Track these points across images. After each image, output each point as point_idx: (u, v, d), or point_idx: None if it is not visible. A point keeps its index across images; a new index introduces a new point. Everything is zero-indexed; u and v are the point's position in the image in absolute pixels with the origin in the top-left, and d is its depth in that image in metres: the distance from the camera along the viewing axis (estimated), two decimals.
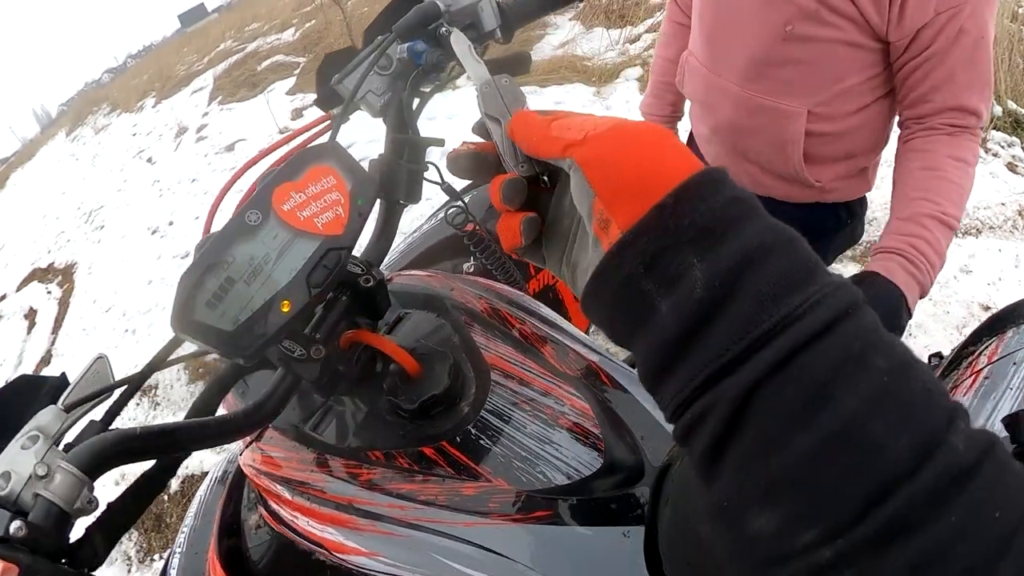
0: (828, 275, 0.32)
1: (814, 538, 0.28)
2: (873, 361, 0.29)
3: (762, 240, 0.32)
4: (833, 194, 1.28)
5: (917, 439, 0.28)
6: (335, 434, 0.82)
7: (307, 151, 0.64)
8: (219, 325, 0.58)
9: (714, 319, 0.32)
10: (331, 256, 0.60)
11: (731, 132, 1.30)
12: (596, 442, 0.65)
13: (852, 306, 0.31)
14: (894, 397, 0.29)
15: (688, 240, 0.33)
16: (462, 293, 0.85)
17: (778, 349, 0.30)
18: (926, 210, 1.04)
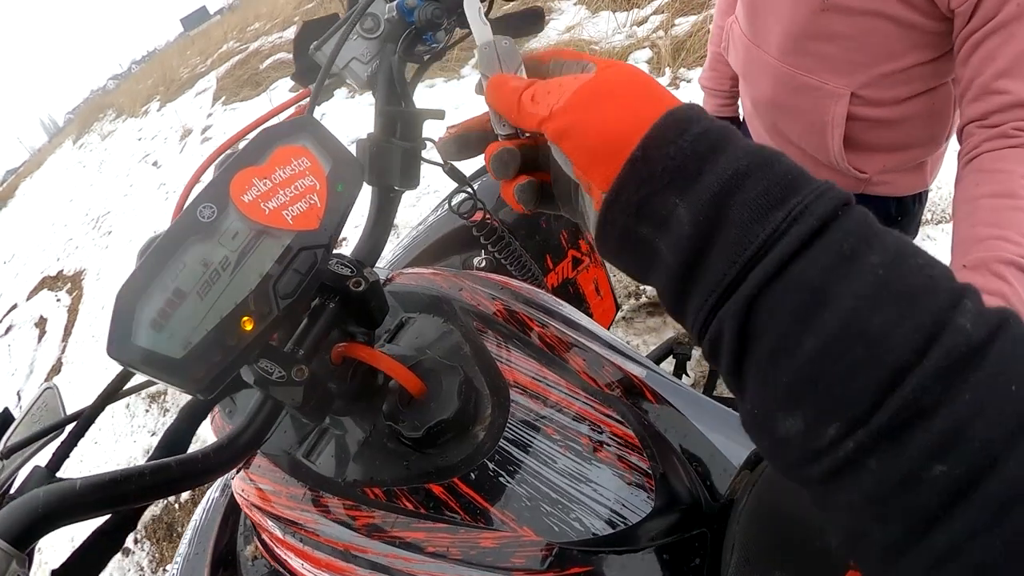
0: (811, 183, 0.33)
1: (836, 432, 0.29)
2: (866, 258, 0.30)
3: (736, 167, 0.33)
4: (882, 187, 1.15)
5: (920, 325, 0.28)
6: (330, 463, 0.70)
7: (273, 128, 0.52)
8: (166, 351, 0.46)
9: (708, 250, 0.33)
10: (303, 257, 0.48)
11: (771, 109, 1.19)
12: (644, 478, 0.53)
13: (838, 208, 0.32)
14: (891, 288, 0.29)
15: (666, 184, 0.35)
16: (472, 293, 0.72)
17: (767, 264, 0.31)
18: (1002, 254, 0.77)
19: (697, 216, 0.33)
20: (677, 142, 0.35)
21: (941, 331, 0.28)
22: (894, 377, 0.28)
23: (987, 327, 0.28)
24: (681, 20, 4.78)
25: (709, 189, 0.33)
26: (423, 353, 0.69)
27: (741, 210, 0.32)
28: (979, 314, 0.29)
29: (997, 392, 0.27)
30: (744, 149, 0.34)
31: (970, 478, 0.26)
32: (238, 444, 0.58)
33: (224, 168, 0.50)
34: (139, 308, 0.47)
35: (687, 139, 0.35)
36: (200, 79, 10.55)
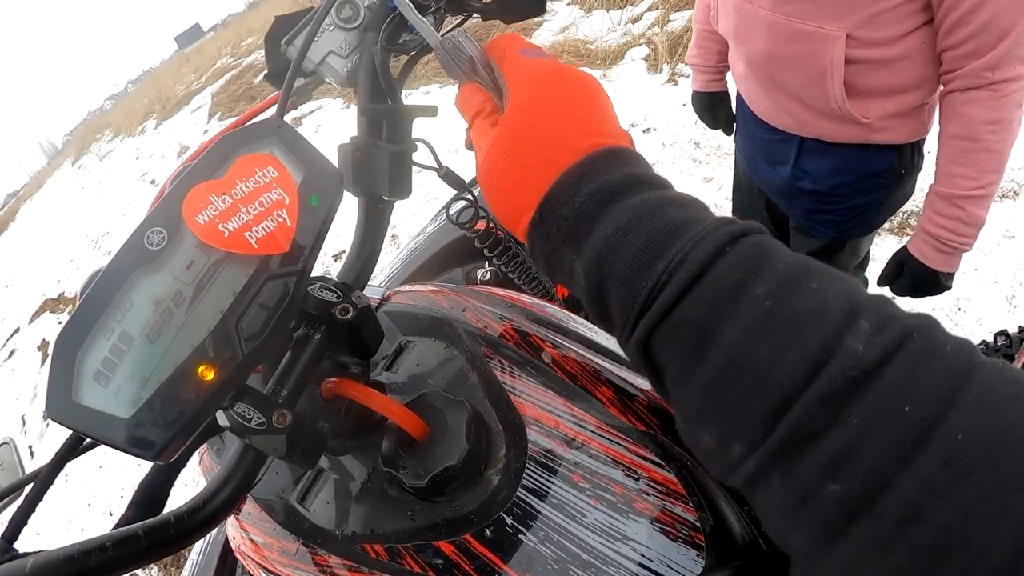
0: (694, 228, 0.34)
1: (741, 451, 0.31)
2: (752, 289, 0.31)
3: (618, 225, 0.36)
4: (884, 134, 1.16)
5: (807, 352, 0.29)
6: (326, 511, 0.61)
7: (234, 134, 0.44)
8: (112, 410, 0.38)
9: (605, 301, 0.37)
10: (271, 288, 0.40)
11: (767, 64, 1.18)
12: (691, 532, 0.44)
13: (724, 246, 0.33)
14: (776, 318, 0.30)
15: (562, 243, 0.38)
16: (477, 313, 0.64)
17: (652, 315, 0.34)
18: (963, 190, 1.05)
19: (588, 273, 0.37)
20: (569, 204, 0.38)
21: (829, 357, 0.29)
22: (782, 404, 0.29)
23: (882, 347, 0.28)
24: (676, 15, 4.70)
25: (595, 248, 0.36)
26: (424, 384, 0.61)
27: (624, 267, 0.35)
28: (875, 333, 0.29)
29: (889, 414, 0.27)
30: (629, 205, 0.36)
31: (865, 496, 0.27)
32: (215, 504, 0.50)
33: (176, 184, 0.42)
34: (80, 358, 0.39)
35: (578, 200, 0.37)
36: (195, 96, 10.52)
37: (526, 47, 0.47)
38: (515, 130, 0.41)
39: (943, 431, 0.26)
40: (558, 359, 0.56)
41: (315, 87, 0.67)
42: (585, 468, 0.48)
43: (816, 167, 1.26)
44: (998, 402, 0.27)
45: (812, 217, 1.35)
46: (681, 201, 0.37)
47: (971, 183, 1.04)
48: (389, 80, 0.55)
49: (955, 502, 0.25)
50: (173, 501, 0.61)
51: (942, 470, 0.26)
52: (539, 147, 0.40)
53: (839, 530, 0.28)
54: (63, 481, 3.24)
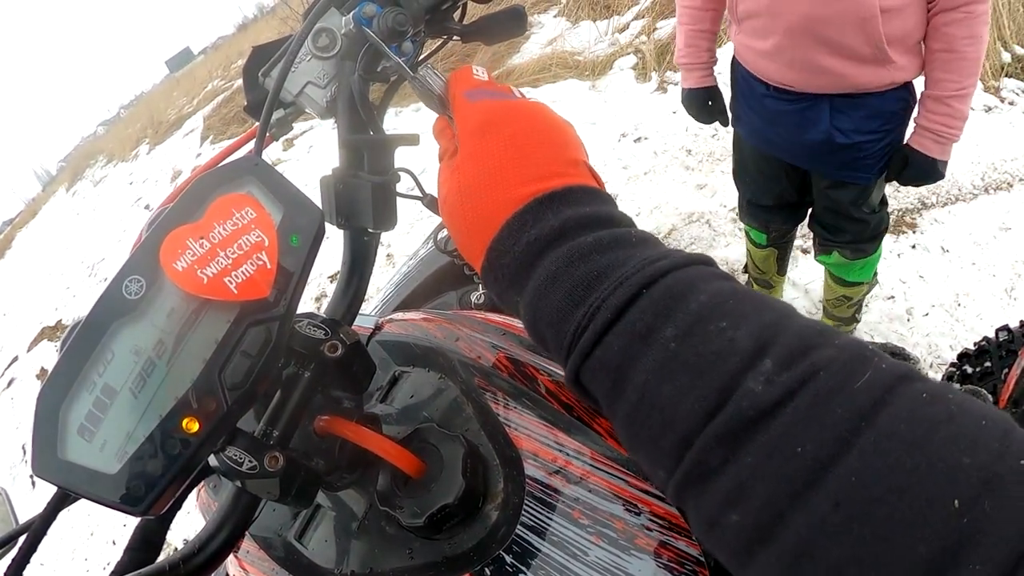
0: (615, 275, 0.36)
1: (663, 475, 0.33)
2: (661, 332, 0.33)
3: (547, 274, 0.38)
4: (903, 72, 1.39)
5: (706, 392, 0.30)
6: (324, 548, 0.60)
7: (210, 174, 0.43)
8: (98, 465, 0.37)
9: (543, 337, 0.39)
10: (254, 335, 0.39)
11: (810, 26, 1.34)
12: (696, 568, 0.42)
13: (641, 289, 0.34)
14: (682, 360, 0.32)
15: (507, 287, 0.41)
16: (470, 343, 0.62)
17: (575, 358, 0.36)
18: (949, 91, 1.34)
19: (527, 316, 0.39)
20: (510, 252, 0.40)
21: (728, 397, 0.30)
22: (684, 442, 0.31)
23: (783, 387, 0.29)
24: (662, 23, 4.72)
25: (530, 294, 0.38)
26: (419, 416, 0.60)
27: (551, 313, 0.37)
28: (779, 371, 0.29)
29: (781, 453, 0.28)
30: (559, 254, 0.38)
31: (761, 528, 0.28)
32: (211, 549, 0.49)
33: (153, 229, 0.41)
34: (63, 413, 0.38)
35: (517, 250, 0.39)
36: (187, 119, 10.54)
37: (473, 88, 0.47)
38: (459, 185, 0.43)
39: (836, 472, 0.26)
40: (553, 389, 0.55)
41: (295, 118, 0.66)
42: (585, 503, 0.47)
43: (848, 121, 1.46)
44: (902, 443, 0.26)
45: (850, 166, 1.54)
46: (610, 243, 0.38)
47: (955, 85, 1.33)
48: (369, 110, 0.54)
49: (845, 543, 0.26)
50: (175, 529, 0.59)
51: (834, 511, 0.26)
52: (479, 202, 0.42)
53: (745, 555, 0.29)
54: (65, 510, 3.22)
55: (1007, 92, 3.20)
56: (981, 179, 2.76)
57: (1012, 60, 3.31)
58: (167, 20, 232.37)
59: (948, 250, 2.45)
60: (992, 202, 2.63)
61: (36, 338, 6.25)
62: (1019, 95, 3.18)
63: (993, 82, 3.22)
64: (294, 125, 0.69)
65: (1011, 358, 1.42)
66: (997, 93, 3.18)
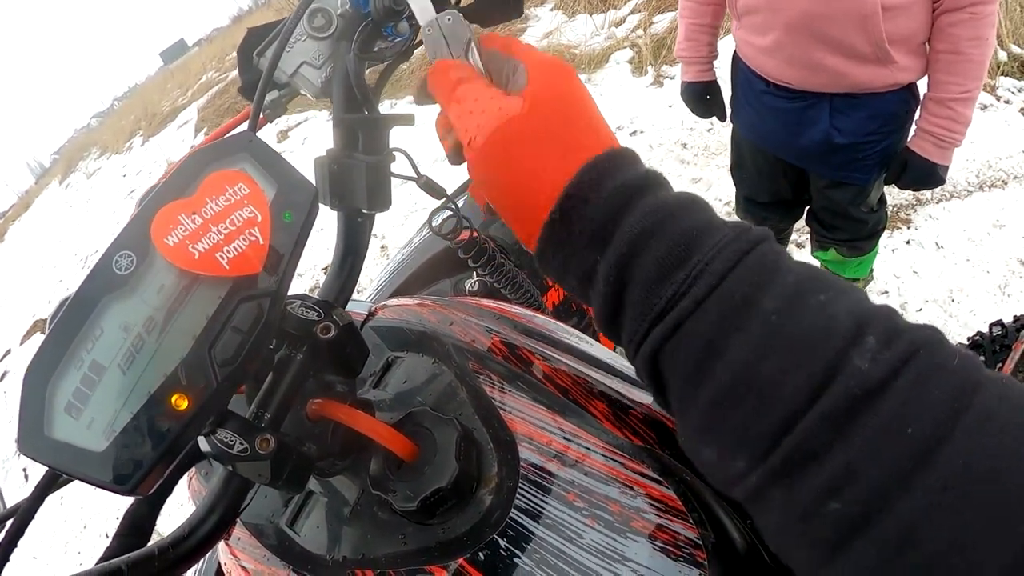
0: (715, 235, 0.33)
1: (743, 466, 0.30)
2: (760, 305, 0.31)
3: (643, 227, 0.34)
4: (905, 73, 1.36)
5: (812, 371, 0.28)
6: (316, 534, 0.60)
7: (203, 150, 0.42)
8: (85, 443, 0.37)
9: (622, 307, 0.35)
10: (245, 311, 0.38)
11: (810, 23, 1.33)
12: (693, 550, 0.42)
13: (741, 256, 0.32)
14: (783, 335, 0.30)
15: (584, 244, 0.36)
16: (464, 327, 0.62)
17: (665, 325, 0.33)
18: (952, 94, 1.30)
19: (609, 276, 0.35)
20: (593, 201, 0.35)
21: (834, 376, 0.28)
22: (785, 423, 0.29)
23: (888, 365, 0.28)
24: (659, 17, 4.71)
25: (618, 250, 0.34)
26: (413, 401, 0.59)
27: (646, 270, 0.34)
28: (881, 349, 0.28)
29: (891, 434, 0.27)
30: (652, 205, 0.35)
31: (865, 516, 0.27)
32: (201, 534, 0.49)
33: (144, 205, 0.41)
34: (50, 390, 0.38)
35: (602, 196, 0.35)
36: (181, 111, 10.49)
37: None
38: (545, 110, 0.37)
39: (944, 453, 0.26)
40: (549, 372, 0.55)
41: (290, 99, 0.65)
42: (580, 486, 0.46)
43: (848, 122, 1.45)
44: (1002, 423, 0.26)
45: (849, 167, 1.53)
46: (693, 201, 0.35)
47: (958, 88, 1.29)
48: (364, 89, 0.53)
49: (951, 528, 0.25)
50: (169, 522, 0.59)
51: (941, 493, 0.25)
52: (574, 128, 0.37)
53: (837, 549, 0.28)
54: (58, 503, 3.21)
55: (1003, 91, 3.20)
56: (976, 176, 2.77)
57: (1008, 59, 3.31)
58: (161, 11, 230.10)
59: (942, 246, 2.46)
60: (987, 199, 2.64)
61: (29, 331, 6.22)
62: (1015, 94, 3.19)
63: (989, 81, 3.22)
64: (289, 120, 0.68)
65: (1005, 352, 1.43)
66: (993, 91, 3.19)
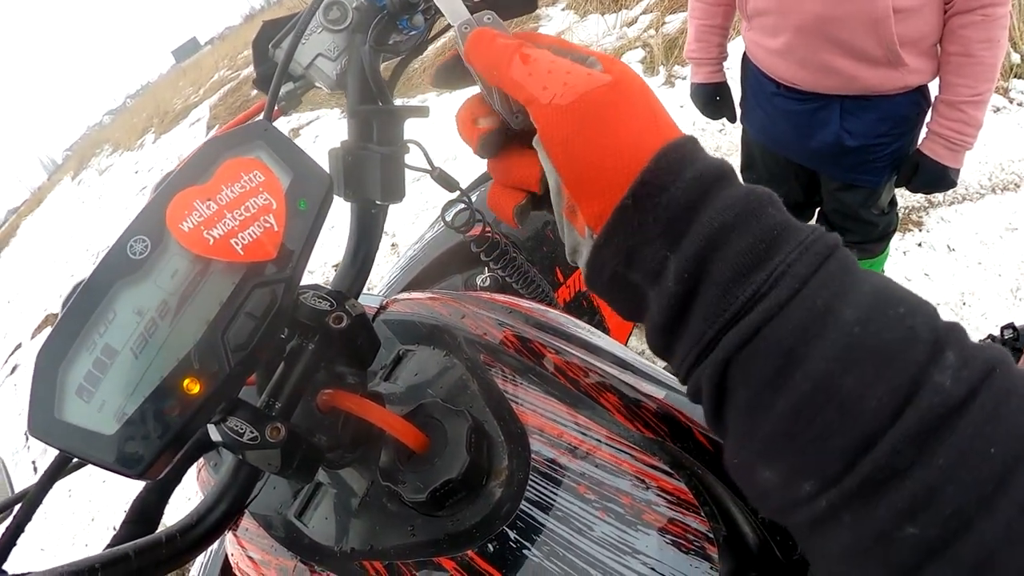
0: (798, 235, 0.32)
1: (811, 489, 0.29)
2: (840, 314, 0.29)
3: (724, 221, 0.32)
4: (916, 75, 1.36)
5: (895, 386, 0.27)
6: (325, 526, 0.60)
7: (219, 138, 0.42)
8: (96, 426, 0.37)
9: (691, 307, 0.33)
10: (258, 296, 0.38)
11: (821, 26, 1.32)
12: (704, 543, 0.42)
13: (821, 261, 0.31)
14: (866, 347, 0.28)
15: (657, 235, 0.33)
16: (476, 320, 0.62)
17: (743, 329, 0.30)
18: (963, 96, 1.29)
19: (682, 272, 0.32)
20: (670, 189, 0.33)
21: (917, 391, 0.27)
22: (866, 440, 0.27)
23: (968, 383, 0.27)
24: (671, 17, 4.70)
25: (695, 244, 0.32)
26: (424, 394, 0.59)
27: (724, 268, 0.31)
28: (960, 368, 0.27)
29: (973, 455, 0.26)
30: (732, 198, 0.32)
31: (944, 540, 0.26)
32: (209, 522, 0.49)
33: (160, 191, 0.41)
34: (62, 373, 0.38)
35: (680, 186, 0.33)
36: (193, 109, 10.55)
37: None
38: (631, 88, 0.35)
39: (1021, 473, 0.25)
40: (561, 365, 0.54)
41: (305, 92, 0.65)
42: (591, 478, 0.46)
43: (859, 124, 1.44)
44: None
45: (860, 169, 1.52)
46: (772, 200, 0.33)
47: (969, 91, 1.29)
48: (379, 80, 0.53)
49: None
50: (174, 517, 0.59)
51: (1020, 515, 0.25)
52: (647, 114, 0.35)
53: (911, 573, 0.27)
54: (66, 496, 3.23)
55: (1016, 93, 3.17)
56: (988, 179, 2.74)
57: (1021, 61, 3.28)
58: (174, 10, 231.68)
59: (954, 249, 2.44)
60: (999, 202, 2.61)
61: (40, 325, 6.26)
62: None
63: (1002, 83, 3.20)
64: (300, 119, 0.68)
65: (1017, 355, 1.42)
66: (1006, 94, 3.16)
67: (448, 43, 5.38)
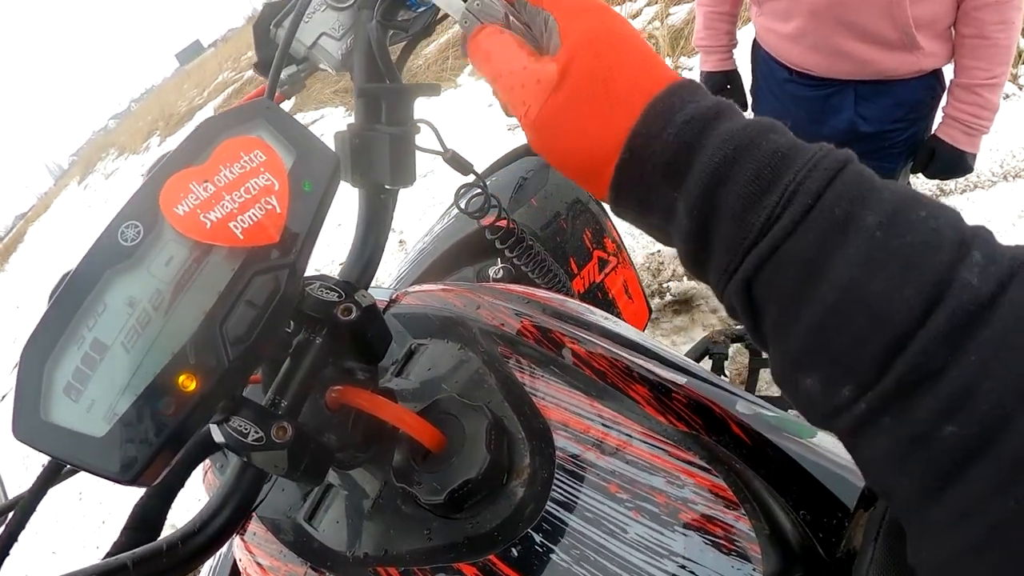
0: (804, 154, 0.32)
1: (850, 394, 0.29)
2: (861, 221, 0.29)
3: (724, 154, 0.32)
4: (931, 59, 1.34)
5: (922, 286, 0.27)
6: (336, 530, 0.57)
7: (218, 116, 0.39)
8: (85, 428, 0.34)
9: (710, 240, 0.34)
10: (260, 284, 0.35)
11: (834, 9, 1.30)
12: (747, 544, 0.39)
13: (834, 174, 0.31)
14: (889, 250, 0.28)
15: (659, 180, 0.35)
16: (492, 310, 0.59)
17: (762, 249, 0.31)
18: (978, 79, 1.28)
19: (692, 211, 0.33)
20: (662, 136, 0.34)
21: (945, 290, 0.27)
22: (898, 342, 0.27)
23: (996, 279, 0.27)
24: (676, 9, 4.66)
25: (699, 182, 0.33)
26: (439, 389, 0.56)
27: (732, 199, 0.32)
28: (988, 264, 0.27)
29: (1007, 350, 0.26)
30: (730, 131, 0.33)
31: (983, 438, 0.25)
32: (213, 528, 0.46)
33: (153, 173, 0.38)
34: (48, 370, 0.35)
35: (672, 131, 0.34)
36: (198, 111, 10.56)
37: None
38: (588, 64, 0.36)
39: None
40: (584, 356, 0.51)
41: (308, 74, 0.62)
42: (622, 476, 0.43)
43: (873, 109, 1.42)
44: None
45: (875, 156, 1.48)
46: (774, 127, 0.34)
47: (985, 73, 1.28)
48: (387, 57, 0.50)
49: None
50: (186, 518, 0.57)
51: None
52: (617, 82, 0.36)
53: (951, 475, 0.26)
54: (76, 499, 3.22)
55: None
56: (1000, 167, 2.71)
57: None
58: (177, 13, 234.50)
59: None
60: (1011, 189, 2.58)
61: None
62: None
63: (1011, 69, 3.15)
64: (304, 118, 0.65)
65: None
66: (1015, 80, 3.12)
67: (456, 28, 5.36)
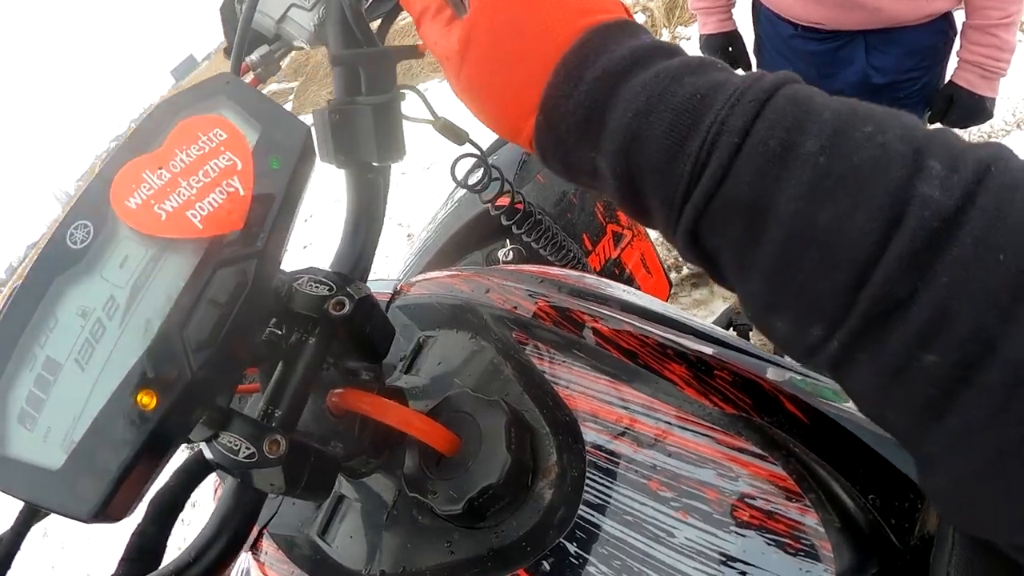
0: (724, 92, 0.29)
1: (822, 333, 0.27)
2: (800, 148, 0.27)
3: (636, 108, 0.31)
4: (941, 2, 1.29)
5: (876, 210, 0.25)
6: (350, 546, 0.53)
7: (172, 98, 0.34)
8: (42, 460, 0.29)
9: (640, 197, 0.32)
10: (223, 278, 0.30)
11: None
12: (816, 540, 0.33)
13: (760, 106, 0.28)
14: (835, 176, 0.26)
15: (577, 139, 0.33)
16: (503, 293, 0.53)
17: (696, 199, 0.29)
18: (993, 19, 1.23)
19: (615, 169, 0.32)
20: (573, 95, 0.33)
21: (903, 210, 0.25)
22: (859, 274, 0.25)
23: (961, 188, 0.24)
24: None
25: (614, 140, 0.31)
26: (451, 385, 0.51)
27: (653, 152, 0.30)
28: (949, 174, 0.25)
29: (980, 266, 0.23)
30: (643, 81, 0.31)
31: (966, 364, 0.23)
32: (210, 557, 0.41)
33: (104, 165, 0.33)
34: (1, 397, 0.30)
35: (582, 89, 0.32)
36: None
37: None
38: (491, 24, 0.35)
39: None
40: (609, 335, 0.46)
41: (283, 55, 0.57)
42: (665, 471, 0.38)
43: (886, 59, 1.37)
44: None
45: None
46: (699, 65, 0.31)
47: (999, 13, 1.23)
48: (363, 24, 0.45)
49: None
50: None
51: None
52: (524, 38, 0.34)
53: (941, 405, 0.25)
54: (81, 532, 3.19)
55: None
56: (1012, 115, 2.64)
57: None
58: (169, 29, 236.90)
59: None
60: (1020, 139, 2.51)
61: None
62: None
63: None
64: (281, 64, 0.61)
65: None
66: None
67: None
